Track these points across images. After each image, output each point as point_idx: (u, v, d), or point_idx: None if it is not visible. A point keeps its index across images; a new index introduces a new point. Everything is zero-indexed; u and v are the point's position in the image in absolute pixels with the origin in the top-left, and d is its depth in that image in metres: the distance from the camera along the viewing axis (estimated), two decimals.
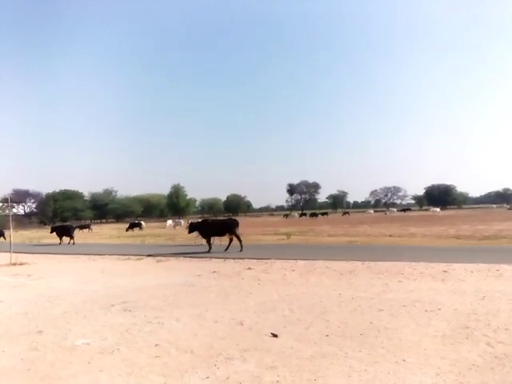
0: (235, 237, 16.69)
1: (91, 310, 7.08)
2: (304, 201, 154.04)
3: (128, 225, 44.05)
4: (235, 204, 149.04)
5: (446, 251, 14.09)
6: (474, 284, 8.18)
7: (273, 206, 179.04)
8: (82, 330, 5.84)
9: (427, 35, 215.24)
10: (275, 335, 5.20)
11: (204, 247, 17.14)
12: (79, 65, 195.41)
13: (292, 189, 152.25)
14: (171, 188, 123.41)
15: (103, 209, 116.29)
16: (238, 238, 16.62)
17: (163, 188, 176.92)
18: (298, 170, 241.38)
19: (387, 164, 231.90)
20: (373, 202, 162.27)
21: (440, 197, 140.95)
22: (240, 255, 14.57)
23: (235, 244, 16.56)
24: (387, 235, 23.20)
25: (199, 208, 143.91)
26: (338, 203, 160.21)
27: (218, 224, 17.46)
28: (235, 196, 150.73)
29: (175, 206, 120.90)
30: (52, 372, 4.28)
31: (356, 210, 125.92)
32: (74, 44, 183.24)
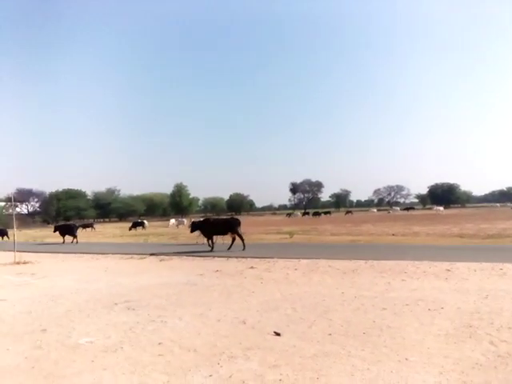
0: (237, 236, 16.72)
1: (94, 309, 7.11)
2: (307, 200, 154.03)
3: (131, 224, 44.32)
4: (238, 203, 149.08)
5: (450, 250, 14.07)
6: (478, 283, 8.16)
7: (275, 205, 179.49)
8: (86, 329, 5.86)
9: (427, 35, 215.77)
10: (278, 334, 5.21)
11: (206, 246, 17.16)
12: (79, 65, 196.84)
13: (295, 188, 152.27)
14: (174, 187, 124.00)
15: (106, 208, 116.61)
16: (241, 237, 16.65)
17: (165, 187, 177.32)
18: (301, 169, 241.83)
19: (390, 163, 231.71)
20: (376, 201, 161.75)
21: (443, 196, 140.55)
22: (243, 254, 14.59)
23: (238, 243, 16.59)
24: (390, 234, 23.17)
25: (202, 207, 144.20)
26: (341, 202, 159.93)
27: (220, 223, 17.50)
28: (238, 195, 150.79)
29: (178, 205, 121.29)
30: (56, 370, 4.30)
31: (359, 209, 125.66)
32: (74, 44, 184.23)
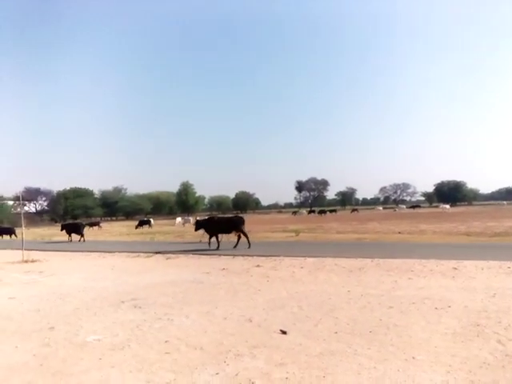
0: (242, 234, 16.76)
1: (102, 307, 7.16)
2: (312, 198, 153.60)
3: (137, 222, 44.56)
4: (244, 201, 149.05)
5: (457, 248, 13.98)
6: (485, 281, 8.10)
7: (281, 204, 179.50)
8: (93, 327, 5.91)
9: (428, 35, 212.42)
10: (284, 332, 5.21)
11: (213, 244, 17.16)
12: (80, 64, 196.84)
13: (300, 186, 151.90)
14: (180, 186, 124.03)
15: (113, 206, 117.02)
16: (245, 235, 16.70)
17: (171, 186, 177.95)
18: (307, 167, 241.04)
19: (397, 161, 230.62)
20: (382, 199, 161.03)
21: (450, 193, 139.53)
22: (249, 252, 14.60)
23: (243, 241, 16.61)
24: (397, 232, 23.08)
25: (208, 205, 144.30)
26: (347, 200, 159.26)
27: (224, 221, 17.56)
28: (244, 193, 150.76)
29: (184, 204, 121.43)
30: (64, 368, 4.33)
31: (365, 207, 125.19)
32: (74, 44, 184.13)
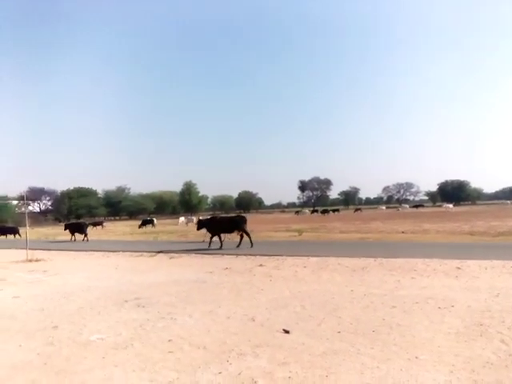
0: (244, 233, 16.79)
1: (105, 306, 7.18)
2: (315, 197, 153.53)
3: (141, 222, 44.70)
4: (247, 201, 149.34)
5: (460, 248, 13.94)
6: (488, 281, 8.08)
7: (284, 203, 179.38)
8: (97, 326, 5.93)
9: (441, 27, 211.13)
10: (287, 331, 5.22)
11: (215, 244, 17.18)
12: (82, 65, 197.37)
13: (303, 185, 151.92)
14: (183, 185, 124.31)
15: (117, 206, 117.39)
16: (248, 235, 16.77)
17: (174, 186, 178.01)
18: (310, 167, 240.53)
19: (400, 160, 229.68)
20: (385, 199, 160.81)
21: (453, 193, 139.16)
22: (252, 252, 14.60)
23: (246, 240, 16.62)
24: (400, 232, 23.02)
25: (211, 205, 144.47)
26: (350, 200, 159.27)
27: (227, 221, 17.63)
28: (247, 193, 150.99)
29: (187, 203, 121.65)
30: (67, 367, 4.35)
31: (368, 207, 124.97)
32: (75, 44, 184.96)
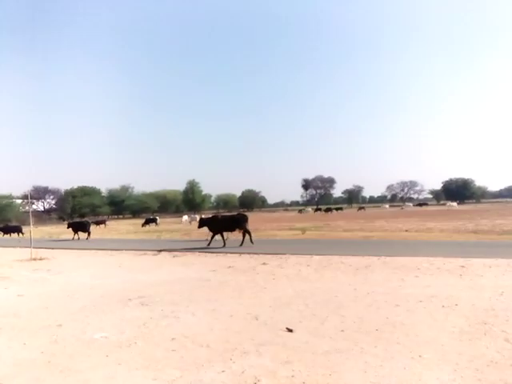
0: (245, 231, 16.82)
1: (109, 305, 7.20)
2: (319, 196, 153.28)
3: (144, 220, 44.83)
4: (250, 200, 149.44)
5: (464, 246, 13.87)
6: (493, 279, 8.03)
7: (287, 202, 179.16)
8: (100, 324, 5.95)
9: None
10: (290, 330, 5.21)
11: (218, 242, 17.17)
12: (87, 65, 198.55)
13: (307, 184, 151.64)
14: (187, 184, 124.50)
15: (120, 205, 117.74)
16: (248, 233, 16.83)
17: (176, 185, 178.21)
18: (313, 165, 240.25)
19: (404, 158, 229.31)
20: (389, 197, 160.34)
21: (458, 191, 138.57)
22: (255, 250, 14.60)
23: (249, 239, 16.63)
24: (404, 230, 22.95)
25: (214, 204, 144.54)
26: (354, 198, 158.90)
27: (228, 219, 17.66)
28: (250, 191, 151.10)
29: (191, 202, 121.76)
30: (71, 365, 4.37)
31: (372, 205, 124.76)
32: (81, 46, 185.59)
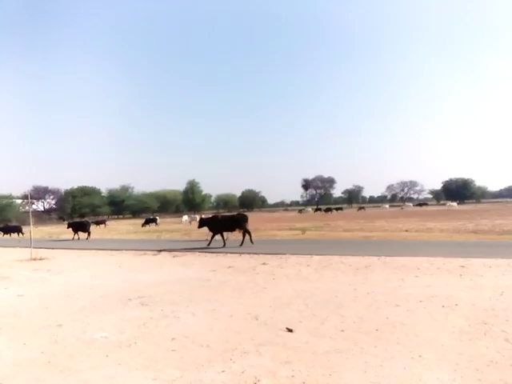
0: (245, 231, 16.83)
1: (109, 304, 7.20)
2: (319, 196, 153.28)
3: (144, 220, 44.86)
4: (250, 200, 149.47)
5: (464, 246, 13.87)
6: (493, 279, 8.04)
7: (287, 202, 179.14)
8: (100, 324, 5.95)
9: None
10: (290, 330, 5.21)
11: (218, 242, 17.17)
12: (88, 65, 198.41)
13: (307, 184, 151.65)
14: (187, 184, 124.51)
15: (120, 205, 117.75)
16: (248, 233, 16.85)
17: (176, 185, 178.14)
18: (313, 165, 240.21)
19: (404, 158, 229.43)
20: (389, 197, 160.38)
21: (458, 191, 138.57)
22: (255, 250, 14.60)
23: (249, 239, 16.63)
24: (404, 230, 22.95)
25: (214, 204, 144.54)
26: (354, 198, 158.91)
27: (228, 219, 17.69)
28: (250, 191, 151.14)
29: (191, 202, 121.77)
30: (71, 365, 4.37)
31: (372, 205, 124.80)
32: (83, 46, 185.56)
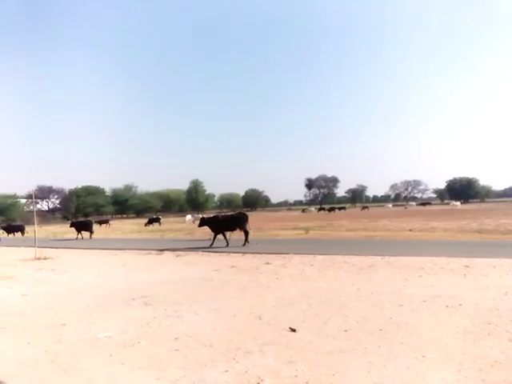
0: (243, 231, 16.87)
1: (113, 304, 7.22)
2: (322, 195, 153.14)
3: (147, 220, 44.98)
4: (253, 199, 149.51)
5: (468, 246, 13.81)
6: (497, 279, 8.00)
7: (291, 201, 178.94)
8: (104, 324, 5.97)
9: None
10: (293, 330, 5.21)
11: (222, 242, 17.18)
12: (91, 64, 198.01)
13: (310, 183, 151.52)
14: (190, 183, 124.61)
15: (124, 204, 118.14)
16: (246, 233, 16.87)
17: (180, 184, 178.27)
18: (317, 165, 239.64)
19: (408, 158, 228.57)
20: (393, 196, 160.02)
21: (462, 190, 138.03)
22: (258, 250, 14.58)
23: (252, 238, 16.63)
24: (407, 230, 22.88)
25: (218, 203, 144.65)
26: (357, 197, 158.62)
27: (228, 219, 17.72)
28: (253, 191, 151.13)
29: (194, 202, 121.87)
30: (75, 364, 4.38)
31: (375, 205, 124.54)
32: (86, 44, 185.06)
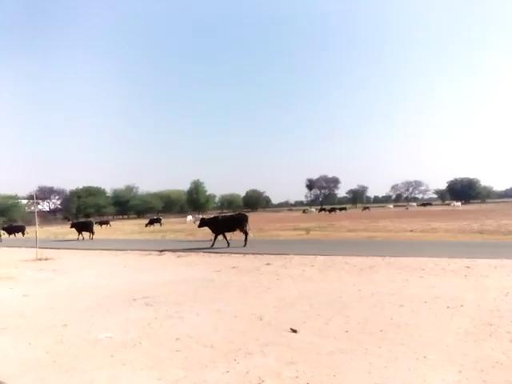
0: (243, 232, 16.89)
1: (114, 305, 7.23)
2: (323, 196, 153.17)
3: (148, 221, 45.02)
4: (254, 200, 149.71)
5: (469, 246, 13.79)
6: (498, 280, 7.99)
7: (292, 202, 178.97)
8: (105, 324, 5.97)
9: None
10: (294, 330, 5.21)
11: (223, 243, 17.19)
12: (91, 63, 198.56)
13: (311, 184, 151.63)
14: (191, 184, 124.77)
15: (125, 205, 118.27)
16: (245, 233, 16.89)
17: (181, 185, 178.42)
18: (317, 165, 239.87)
19: (409, 158, 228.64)
20: (394, 197, 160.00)
21: (463, 191, 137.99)
22: (259, 251, 14.57)
23: (253, 239, 16.63)
24: (408, 230, 22.87)
25: (219, 204, 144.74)
26: (358, 198, 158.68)
27: (228, 219, 17.77)
28: (254, 192, 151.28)
29: (195, 202, 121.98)
30: (76, 364, 4.39)
31: (376, 205, 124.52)
32: (86, 44, 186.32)
